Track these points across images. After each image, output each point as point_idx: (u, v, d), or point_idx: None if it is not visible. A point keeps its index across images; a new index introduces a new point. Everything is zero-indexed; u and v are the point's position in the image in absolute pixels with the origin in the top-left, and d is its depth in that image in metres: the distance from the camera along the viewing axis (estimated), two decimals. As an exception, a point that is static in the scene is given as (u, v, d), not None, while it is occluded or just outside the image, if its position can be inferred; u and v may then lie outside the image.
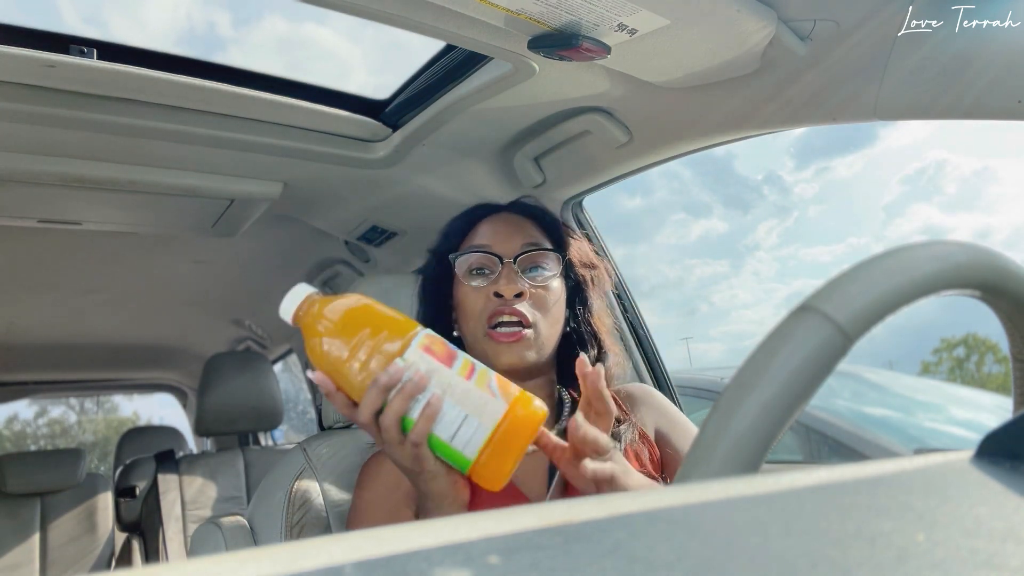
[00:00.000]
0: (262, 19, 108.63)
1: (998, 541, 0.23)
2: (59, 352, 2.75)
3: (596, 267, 0.98)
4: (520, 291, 0.86)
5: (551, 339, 0.89)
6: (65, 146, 1.11)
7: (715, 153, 1.17)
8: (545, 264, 0.90)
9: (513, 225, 0.93)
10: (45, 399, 11.65)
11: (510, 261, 0.88)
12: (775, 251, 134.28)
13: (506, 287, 0.85)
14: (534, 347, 0.86)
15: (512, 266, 0.87)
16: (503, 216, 0.95)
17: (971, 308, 0.37)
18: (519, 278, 0.87)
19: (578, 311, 0.94)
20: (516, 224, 0.93)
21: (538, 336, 0.86)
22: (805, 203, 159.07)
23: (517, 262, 0.88)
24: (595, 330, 0.94)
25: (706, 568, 0.20)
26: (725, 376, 2.69)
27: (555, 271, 0.90)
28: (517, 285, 0.86)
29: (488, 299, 0.87)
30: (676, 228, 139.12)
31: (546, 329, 0.87)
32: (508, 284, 0.86)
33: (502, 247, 0.89)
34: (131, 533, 2.89)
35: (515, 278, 0.87)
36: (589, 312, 0.94)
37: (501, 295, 0.86)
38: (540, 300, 0.87)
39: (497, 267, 0.88)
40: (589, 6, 0.74)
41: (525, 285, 0.87)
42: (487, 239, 0.91)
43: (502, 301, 0.86)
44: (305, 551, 0.19)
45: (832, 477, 0.28)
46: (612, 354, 0.95)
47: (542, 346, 0.87)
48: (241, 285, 2.17)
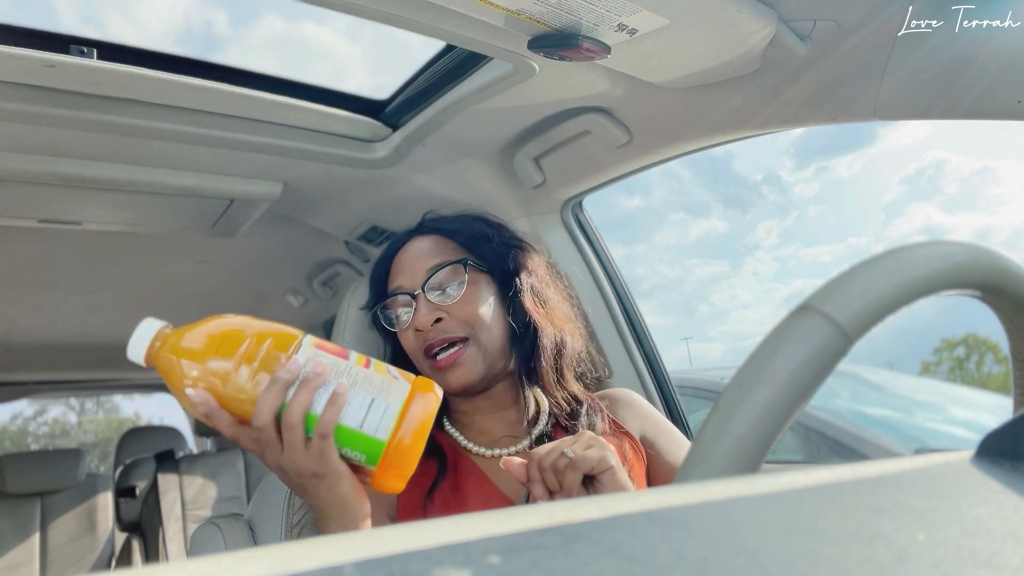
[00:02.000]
0: (260, 18, 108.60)
1: (998, 541, 0.23)
2: (59, 352, 2.75)
3: (521, 247, 0.96)
4: (437, 317, 0.85)
5: (495, 342, 0.87)
6: (65, 146, 1.11)
7: (714, 153, 1.16)
8: (455, 278, 0.88)
9: (416, 253, 0.91)
10: (45, 399, 11.65)
11: (420, 292, 0.87)
12: (774, 251, 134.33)
13: (421, 320, 0.85)
14: (480, 357, 0.85)
15: (424, 296, 0.87)
16: (408, 248, 0.93)
17: (972, 308, 0.37)
18: (433, 305, 0.86)
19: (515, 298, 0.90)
20: (419, 250, 0.92)
21: (479, 346, 0.86)
22: (805, 203, 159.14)
23: (426, 290, 0.87)
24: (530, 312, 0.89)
25: (706, 568, 0.20)
26: (725, 376, 2.69)
27: (464, 279, 0.88)
28: (431, 314, 0.85)
29: (416, 335, 0.87)
30: (675, 228, 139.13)
31: (486, 335, 0.86)
32: (423, 316, 0.85)
33: (409, 281, 0.89)
34: (131, 533, 2.90)
35: (430, 307, 0.86)
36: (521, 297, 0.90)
37: (420, 329, 0.86)
38: (463, 313, 0.86)
39: (411, 302, 0.88)
40: (589, 6, 0.74)
41: (438, 311, 0.86)
42: (399, 278, 0.90)
43: (426, 334, 0.86)
44: (305, 551, 0.19)
45: (832, 477, 0.28)
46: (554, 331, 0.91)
47: (488, 353, 0.86)
48: (241, 285, 2.16)
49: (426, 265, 0.89)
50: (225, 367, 0.61)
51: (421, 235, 0.95)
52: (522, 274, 0.92)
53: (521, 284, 0.91)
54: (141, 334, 0.63)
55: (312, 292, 2.01)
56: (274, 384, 0.60)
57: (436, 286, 0.88)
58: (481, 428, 0.90)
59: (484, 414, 0.90)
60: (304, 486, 0.63)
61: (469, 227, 0.95)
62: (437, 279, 0.88)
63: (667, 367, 1.39)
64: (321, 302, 2.03)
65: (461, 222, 0.96)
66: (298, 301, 2.11)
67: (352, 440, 0.62)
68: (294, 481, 0.64)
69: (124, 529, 2.92)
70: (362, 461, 0.63)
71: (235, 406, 0.62)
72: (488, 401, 0.90)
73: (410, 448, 0.63)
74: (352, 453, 0.63)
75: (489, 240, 0.93)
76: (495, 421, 0.90)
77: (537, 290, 0.93)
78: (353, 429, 0.62)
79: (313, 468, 0.62)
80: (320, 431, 0.61)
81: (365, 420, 0.62)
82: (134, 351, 0.63)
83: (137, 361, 0.63)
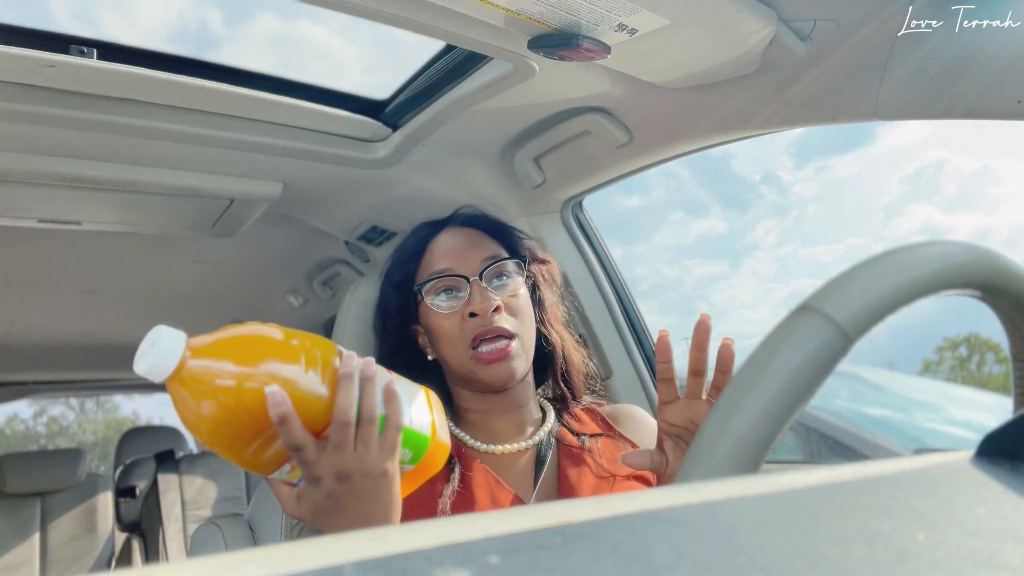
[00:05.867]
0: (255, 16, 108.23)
1: (998, 541, 0.23)
2: (59, 352, 2.75)
3: (548, 263, 0.98)
4: (496, 305, 0.84)
5: (532, 343, 0.89)
6: (65, 146, 1.11)
7: (713, 152, 1.16)
8: (508, 273, 0.89)
9: (466, 240, 0.91)
10: (45, 399, 11.65)
11: (476, 279, 0.86)
12: (774, 251, 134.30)
13: (480, 305, 0.83)
14: (522, 356, 0.86)
15: (480, 283, 0.86)
16: (452, 233, 0.92)
17: (975, 308, 0.37)
18: (489, 294, 0.85)
19: (539, 309, 0.94)
20: (468, 238, 0.91)
21: (523, 345, 0.86)
22: (804, 203, 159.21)
23: (483, 278, 0.86)
24: (553, 326, 0.95)
25: (706, 568, 0.20)
26: (725, 376, 2.68)
27: (519, 277, 0.89)
28: (491, 301, 0.84)
29: (464, 320, 0.85)
30: (674, 228, 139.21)
31: (527, 335, 0.88)
32: (482, 302, 0.84)
33: (464, 266, 0.87)
34: (131, 533, 2.90)
35: (486, 295, 0.85)
36: (546, 309, 0.95)
37: (476, 314, 0.84)
38: (514, 309, 0.86)
39: (464, 287, 0.86)
40: (589, 6, 0.74)
41: (498, 299, 0.85)
42: (446, 261, 0.88)
43: (479, 321, 0.84)
44: (305, 551, 0.19)
45: (832, 477, 0.28)
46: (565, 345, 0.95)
47: (528, 353, 0.87)
48: (241, 285, 2.16)
49: (482, 255, 0.88)
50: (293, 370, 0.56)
51: (460, 226, 0.94)
52: (547, 288, 0.96)
53: (547, 297, 0.95)
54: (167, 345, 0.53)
55: (312, 292, 2.01)
56: (349, 380, 0.59)
57: (492, 276, 0.88)
58: (489, 427, 0.90)
59: (495, 414, 0.90)
60: (363, 492, 0.60)
61: (508, 232, 0.96)
62: (495, 269, 0.88)
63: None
64: (321, 302, 2.03)
65: (500, 224, 0.97)
66: (298, 301, 2.11)
67: (406, 436, 0.62)
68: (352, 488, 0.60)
69: (124, 529, 2.92)
70: (407, 460, 0.64)
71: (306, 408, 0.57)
72: (503, 401, 0.90)
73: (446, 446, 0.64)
74: (403, 451, 0.63)
75: (524, 248, 0.95)
76: (504, 421, 0.90)
77: (556, 307, 0.97)
78: (406, 426, 0.62)
79: (383, 465, 0.61)
80: (395, 422, 0.60)
81: (413, 418, 0.63)
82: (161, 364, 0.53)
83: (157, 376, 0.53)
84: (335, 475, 0.60)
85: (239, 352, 0.55)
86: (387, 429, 0.60)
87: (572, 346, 0.96)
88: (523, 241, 0.96)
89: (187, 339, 0.55)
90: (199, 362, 0.54)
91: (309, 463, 0.59)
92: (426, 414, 0.64)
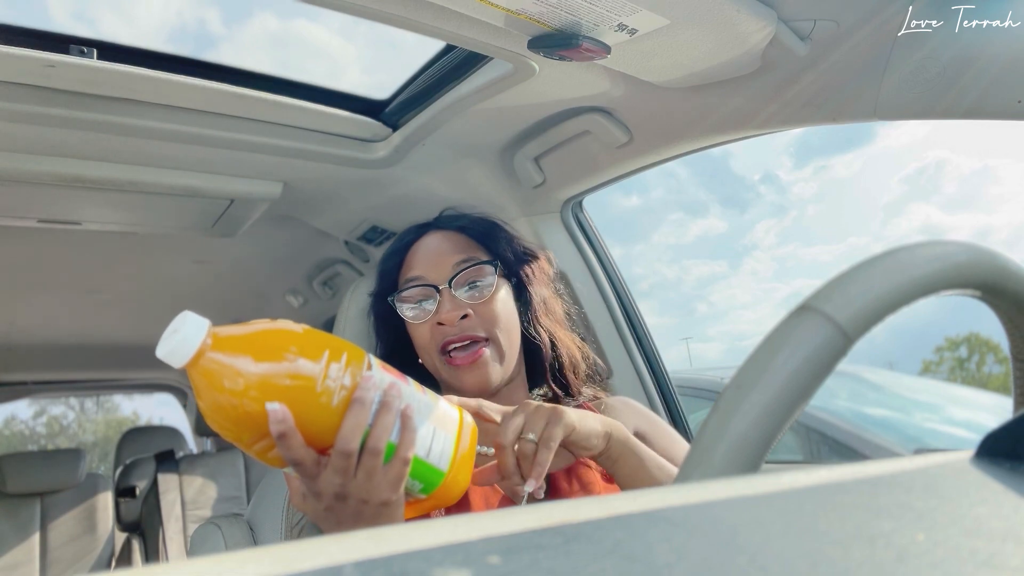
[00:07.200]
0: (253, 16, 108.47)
1: (998, 541, 0.23)
2: (59, 352, 2.75)
3: (536, 256, 0.96)
4: (464, 314, 0.83)
5: (512, 347, 0.87)
6: (65, 146, 1.11)
7: (712, 152, 1.16)
8: (482, 277, 0.87)
9: (441, 245, 0.89)
10: (45, 399, 11.65)
11: (446, 287, 0.85)
12: (773, 251, 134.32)
13: (448, 315, 0.83)
14: (497, 360, 0.84)
15: (449, 291, 0.85)
16: (429, 238, 0.91)
17: (976, 308, 0.37)
18: (459, 301, 0.84)
19: (527, 308, 0.91)
20: (444, 243, 0.90)
21: (498, 348, 0.85)
22: (803, 202, 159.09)
23: (452, 285, 0.85)
24: (543, 324, 0.92)
25: (706, 568, 0.20)
26: (725, 376, 2.69)
27: (493, 280, 0.87)
28: (458, 310, 0.83)
29: (434, 328, 0.85)
30: (674, 227, 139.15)
31: (506, 339, 0.86)
32: (449, 311, 0.83)
33: (434, 274, 0.87)
34: (131, 533, 2.90)
35: (455, 302, 0.84)
36: (534, 307, 0.92)
37: (443, 324, 0.84)
38: (488, 313, 0.85)
39: (434, 296, 0.86)
40: (589, 6, 0.74)
41: (466, 307, 0.84)
42: (418, 269, 0.88)
43: (448, 329, 0.83)
44: (305, 551, 0.19)
45: (832, 477, 0.28)
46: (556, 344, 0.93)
47: (506, 357, 0.85)
48: (241, 285, 2.16)
49: (452, 260, 0.87)
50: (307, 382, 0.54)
51: (440, 230, 0.93)
52: (538, 285, 0.93)
53: (535, 295, 0.92)
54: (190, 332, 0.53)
55: (312, 292, 2.01)
56: (360, 405, 0.55)
57: (463, 282, 0.86)
58: (481, 429, 0.90)
59: None
60: (362, 514, 0.59)
61: (491, 230, 0.94)
62: (465, 276, 0.86)
63: (667, 367, 1.39)
64: (321, 302, 2.03)
65: (483, 224, 0.95)
66: (298, 301, 2.11)
67: (416, 469, 0.59)
68: (350, 509, 0.59)
69: (124, 529, 2.92)
70: (416, 491, 0.61)
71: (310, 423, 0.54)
72: (495, 403, 0.90)
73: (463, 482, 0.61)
74: (411, 482, 0.60)
75: (510, 246, 0.93)
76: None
77: (549, 303, 0.94)
78: (420, 458, 0.59)
79: (386, 496, 0.58)
80: (403, 456, 0.58)
81: (431, 449, 0.60)
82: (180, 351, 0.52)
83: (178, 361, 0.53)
84: (334, 495, 0.58)
85: (259, 351, 0.53)
86: (393, 461, 0.58)
87: (566, 343, 0.94)
88: (510, 239, 0.94)
89: (211, 329, 0.54)
90: (215, 356, 0.53)
91: (309, 478, 0.58)
92: (449, 446, 0.60)
